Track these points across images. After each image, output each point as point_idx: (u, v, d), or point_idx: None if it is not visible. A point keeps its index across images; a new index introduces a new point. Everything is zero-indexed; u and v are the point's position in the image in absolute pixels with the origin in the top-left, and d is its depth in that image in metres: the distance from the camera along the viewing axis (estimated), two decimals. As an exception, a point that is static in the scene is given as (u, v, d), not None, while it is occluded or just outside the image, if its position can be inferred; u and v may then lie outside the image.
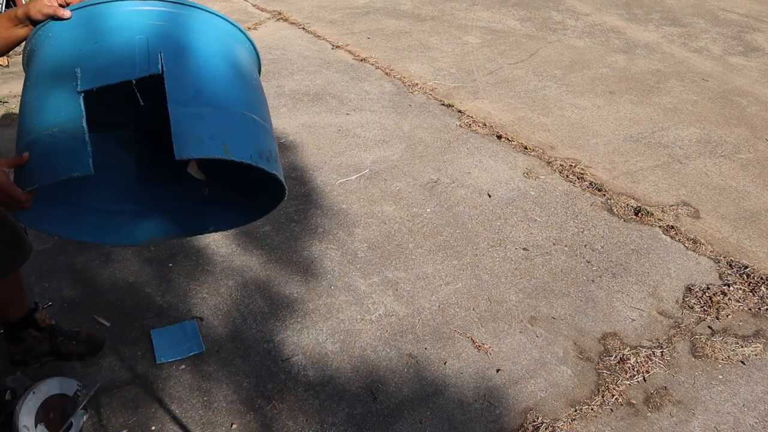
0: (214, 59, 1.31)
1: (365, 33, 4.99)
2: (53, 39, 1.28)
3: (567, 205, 2.92)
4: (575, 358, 2.11)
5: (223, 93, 1.28)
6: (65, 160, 1.15)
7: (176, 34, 1.27)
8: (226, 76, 1.31)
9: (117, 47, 1.22)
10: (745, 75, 4.52)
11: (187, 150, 1.14)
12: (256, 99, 1.38)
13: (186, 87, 1.20)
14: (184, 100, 1.18)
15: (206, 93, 1.23)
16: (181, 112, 1.15)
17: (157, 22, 1.26)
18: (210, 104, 1.22)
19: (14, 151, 1.27)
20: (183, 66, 1.22)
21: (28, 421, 1.58)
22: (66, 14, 1.27)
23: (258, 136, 1.30)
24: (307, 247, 2.55)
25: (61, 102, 1.18)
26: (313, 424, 1.83)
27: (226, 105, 1.26)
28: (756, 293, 2.43)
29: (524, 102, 3.93)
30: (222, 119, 1.23)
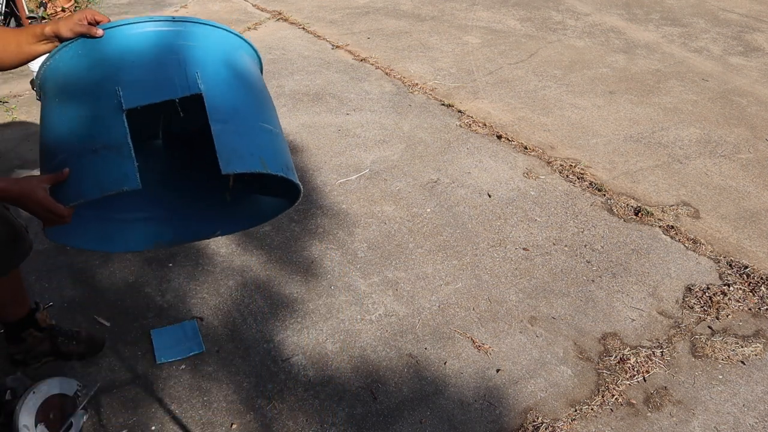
0: (241, 78, 1.39)
1: (365, 33, 4.99)
2: (85, 57, 1.31)
3: (567, 205, 2.92)
4: (575, 358, 2.11)
5: (254, 110, 1.36)
6: (112, 175, 1.19)
7: (206, 53, 1.33)
8: (253, 93, 1.39)
9: (153, 66, 1.27)
10: (745, 75, 4.52)
11: (232, 165, 1.21)
12: (274, 114, 1.46)
13: (223, 105, 1.27)
14: (223, 118, 1.24)
15: (240, 109, 1.31)
16: (222, 129, 1.23)
17: (188, 42, 1.32)
18: (245, 121, 1.30)
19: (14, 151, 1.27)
20: (218, 85, 1.29)
21: (28, 421, 1.58)
22: (98, 33, 1.30)
23: (283, 149, 1.40)
24: (307, 247, 2.55)
25: (103, 120, 1.22)
26: (313, 424, 1.83)
27: (256, 120, 1.34)
28: (756, 293, 2.43)
29: (524, 102, 3.93)
30: (255, 135, 1.31)
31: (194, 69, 1.27)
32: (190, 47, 1.32)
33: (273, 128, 1.39)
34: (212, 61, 1.34)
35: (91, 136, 1.23)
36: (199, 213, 1.72)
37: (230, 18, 5.20)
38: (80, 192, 1.23)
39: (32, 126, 3.37)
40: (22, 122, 3.41)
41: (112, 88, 1.22)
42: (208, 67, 1.31)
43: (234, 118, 1.28)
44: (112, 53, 1.29)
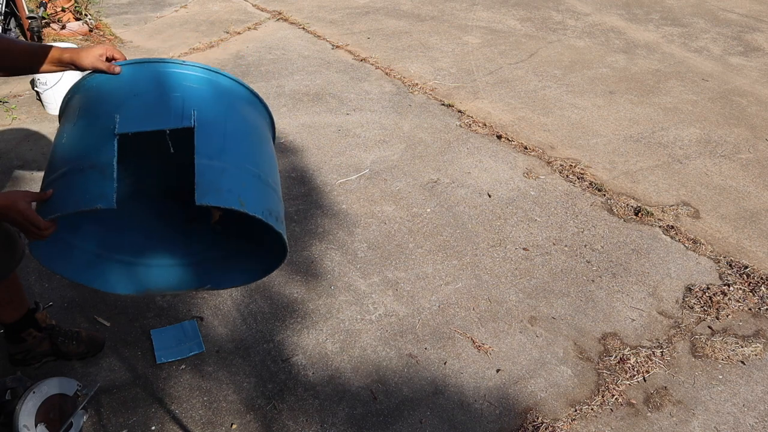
0: (239, 125, 1.44)
1: (365, 33, 4.99)
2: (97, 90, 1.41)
3: (567, 205, 2.92)
4: (575, 358, 2.11)
5: (244, 155, 1.40)
6: (90, 193, 1.24)
7: (209, 97, 1.40)
8: (247, 140, 1.44)
9: (156, 101, 1.35)
10: (745, 75, 4.52)
11: (207, 198, 1.24)
12: (271, 166, 1.51)
13: (212, 144, 1.32)
14: (209, 154, 1.29)
15: (229, 152, 1.35)
16: (206, 164, 1.27)
17: (194, 85, 1.39)
18: (232, 162, 1.34)
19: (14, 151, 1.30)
20: (211, 125, 1.34)
21: (28, 421, 1.58)
22: (117, 70, 1.40)
23: (269, 197, 1.43)
24: (307, 247, 2.55)
25: (97, 142, 1.29)
26: (313, 424, 1.83)
27: (246, 166, 1.38)
28: (756, 293, 2.43)
29: (524, 102, 3.93)
30: (241, 176, 1.34)
31: (192, 107, 1.33)
32: (195, 89, 1.39)
33: (263, 176, 1.42)
34: (215, 105, 1.40)
35: (82, 157, 1.29)
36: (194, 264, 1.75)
37: (230, 18, 5.20)
38: (58, 207, 1.28)
39: (32, 126, 3.37)
40: (22, 122, 3.41)
41: (112, 116, 1.29)
42: (208, 109, 1.37)
43: (221, 158, 1.32)
44: (122, 87, 1.38)
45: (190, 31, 4.89)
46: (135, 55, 4.32)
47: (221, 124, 1.39)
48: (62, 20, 4.56)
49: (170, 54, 4.37)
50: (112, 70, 1.40)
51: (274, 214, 1.39)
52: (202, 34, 4.80)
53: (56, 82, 3.34)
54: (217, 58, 4.37)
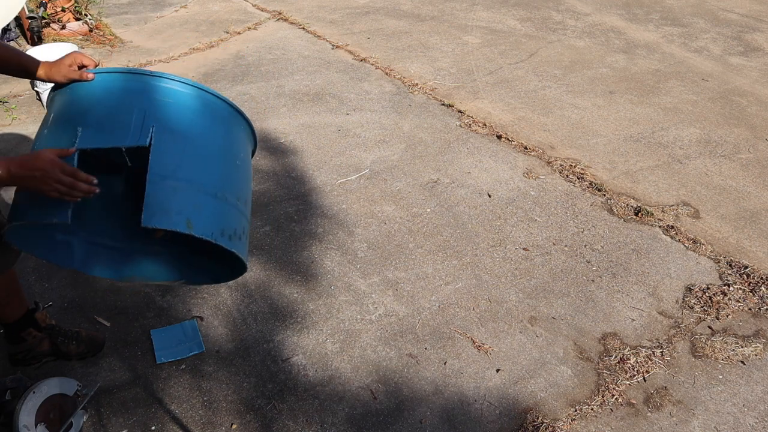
0: (203, 139, 1.41)
1: (365, 33, 4.99)
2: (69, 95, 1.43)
3: (567, 205, 2.92)
4: (575, 358, 2.11)
5: (202, 171, 1.38)
6: (49, 206, 1.28)
7: (173, 111, 1.38)
8: (210, 155, 1.41)
9: (118, 115, 1.34)
10: (745, 75, 4.52)
11: (154, 220, 1.24)
12: (236, 179, 1.47)
13: (168, 161, 1.30)
14: (163, 173, 1.28)
15: (186, 169, 1.33)
16: (158, 183, 1.26)
17: (162, 98, 1.37)
18: (186, 180, 1.32)
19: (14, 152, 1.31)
20: (171, 141, 1.32)
21: (28, 421, 1.58)
22: (90, 77, 1.41)
23: (226, 215, 1.40)
24: (307, 247, 2.55)
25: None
26: (313, 424, 1.83)
27: (202, 183, 1.36)
28: (756, 293, 2.43)
29: (524, 102, 3.93)
30: (193, 196, 1.33)
31: (152, 123, 1.32)
32: (163, 102, 1.37)
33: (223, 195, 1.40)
34: (178, 120, 1.38)
35: None
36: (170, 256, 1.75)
37: (230, 18, 5.20)
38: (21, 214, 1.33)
39: (32, 126, 3.37)
40: (22, 122, 3.41)
41: (76, 128, 1.32)
42: (170, 125, 1.35)
43: (175, 177, 1.31)
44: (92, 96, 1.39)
45: (190, 31, 4.89)
46: (135, 55, 4.33)
47: (181, 140, 1.36)
48: (62, 20, 4.56)
49: (170, 54, 4.37)
50: (85, 77, 1.42)
51: (228, 233, 1.38)
52: (202, 34, 4.80)
53: (56, 82, 3.34)
54: (217, 58, 4.37)
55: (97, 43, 4.49)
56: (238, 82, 4.00)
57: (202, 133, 1.42)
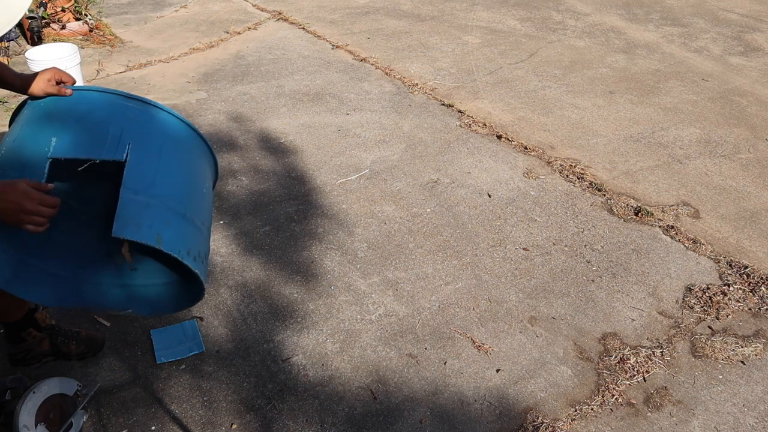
0: (174, 162, 1.46)
1: (365, 33, 4.99)
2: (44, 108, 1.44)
3: (567, 205, 2.92)
4: (575, 358, 2.11)
5: (172, 192, 1.42)
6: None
7: (148, 132, 1.43)
8: (179, 178, 1.46)
9: (95, 129, 1.37)
10: (745, 75, 4.52)
11: (125, 231, 1.26)
12: (201, 205, 1.53)
13: (141, 178, 1.33)
14: (136, 188, 1.31)
15: (158, 187, 1.37)
16: (130, 198, 1.30)
17: (136, 118, 1.42)
18: (157, 198, 1.35)
19: None
20: (144, 159, 1.36)
21: (28, 421, 1.58)
22: (68, 93, 1.43)
23: (192, 236, 1.44)
24: (307, 247, 2.55)
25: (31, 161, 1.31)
26: (313, 424, 1.83)
27: (171, 203, 1.40)
28: (756, 293, 2.43)
29: (524, 102, 3.93)
30: (164, 213, 1.35)
31: (129, 140, 1.35)
32: (139, 123, 1.41)
33: (189, 216, 1.43)
34: (153, 141, 1.42)
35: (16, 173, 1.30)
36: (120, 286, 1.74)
37: (230, 18, 5.20)
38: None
39: (32, 126, 3.37)
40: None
41: (50, 138, 1.32)
42: (144, 144, 1.39)
43: (146, 193, 1.34)
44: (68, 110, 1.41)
45: (190, 31, 4.89)
46: (135, 55, 4.33)
47: (155, 159, 1.40)
48: (62, 20, 4.56)
49: (170, 54, 4.38)
50: (63, 93, 1.44)
51: (193, 254, 1.41)
52: (202, 34, 4.80)
53: (56, 82, 3.34)
54: (217, 58, 4.37)
55: (97, 43, 4.50)
56: (238, 82, 4.00)
57: (175, 157, 1.47)
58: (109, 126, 1.38)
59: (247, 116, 3.58)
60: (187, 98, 3.75)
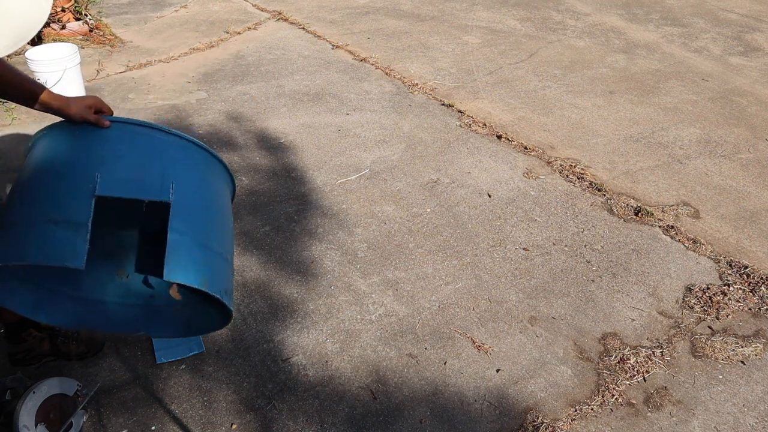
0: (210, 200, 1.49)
1: (365, 33, 4.99)
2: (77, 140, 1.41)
3: (567, 205, 2.92)
4: (575, 358, 2.11)
5: (210, 231, 1.45)
6: (62, 249, 1.25)
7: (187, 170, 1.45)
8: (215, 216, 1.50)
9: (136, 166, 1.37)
10: (745, 75, 4.52)
11: (175, 275, 1.30)
12: (230, 238, 1.57)
13: (185, 219, 1.36)
14: (181, 230, 1.33)
15: (199, 228, 1.40)
16: (178, 240, 1.31)
17: (174, 155, 1.43)
18: (200, 239, 1.39)
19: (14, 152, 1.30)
20: (187, 200, 1.39)
21: (28, 421, 1.58)
22: (105, 124, 1.40)
23: (228, 276, 1.49)
24: (307, 247, 2.55)
25: (73, 197, 1.30)
26: (313, 424, 1.83)
27: (212, 243, 1.44)
28: (756, 293, 2.43)
29: (524, 102, 3.93)
30: (207, 255, 1.39)
31: (171, 180, 1.37)
32: (178, 161, 1.43)
33: (224, 254, 1.49)
34: (190, 178, 1.45)
35: (57, 207, 1.29)
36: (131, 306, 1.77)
37: (230, 18, 5.20)
38: (26, 254, 1.27)
39: (32, 126, 3.37)
40: (22, 122, 3.41)
41: (92, 172, 1.31)
42: (183, 182, 1.41)
43: (191, 233, 1.37)
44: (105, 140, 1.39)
45: (190, 31, 4.89)
46: (135, 55, 4.33)
47: (195, 199, 1.43)
48: (62, 20, 4.56)
49: (170, 54, 4.37)
50: (101, 124, 1.40)
51: (230, 292, 1.47)
52: (202, 34, 4.80)
53: (56, 83, 3.34)
54: (217, 58, 4.37)
55: (97, 43, 4.49)
56: (238, 82, 4.00)
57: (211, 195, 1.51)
58: (151, 164, 1.39)
59: (247, 116, 3.58)
60: (187, 98, 3.75)
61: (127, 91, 3.80)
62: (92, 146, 1.39)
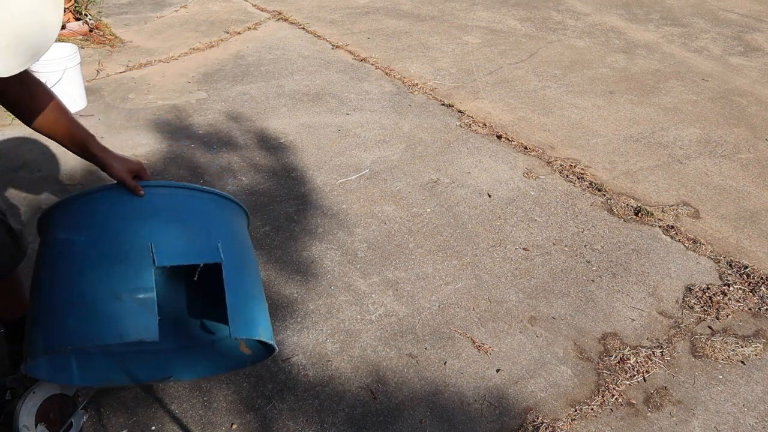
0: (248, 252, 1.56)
1: (365, 33, 4.99)
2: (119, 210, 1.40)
3: (567, 205, 2.92)
4: (575, 358, 2.11)
5: (254, 282, 1.53)
6: (135, 324, 1.26)
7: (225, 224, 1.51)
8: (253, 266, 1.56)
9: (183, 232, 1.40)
10: (745, 75, 4.52)
11: (240, 332, 1.37)
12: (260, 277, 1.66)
13: (236, 276, 1.41)
14: (235, 287, 1.39)
15: (246, 281, 1.47)
16: (235, 298, 1.37)
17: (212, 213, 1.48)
18: (250, 292, 1.47)
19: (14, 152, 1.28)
20: (233, 255, 1.43)
21: (28, 421, 1.58)
22: (141, 193, 1.41)
23: (269, 319, 1.55)
24: (307, 247, 2.55)
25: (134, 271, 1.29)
26: (313, 424, 1.83)
27: (257, 293, 1.51)
28: (756, 293, 2.43)
29: (524, 102, 3.93)
30: (257, 305, 1.48)
31: (217, 239, 1.42)
32: (213, 217, 1.48)
33: (263, 296, 1.56)
34: (227, 232, 1.50)
35: (120, 283, 1.28)
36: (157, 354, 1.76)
37: (230, 18, 5.20)
38: (100, 335, 1.27)
39: (32, 126, 3.37)
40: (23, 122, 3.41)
41: (145, 243, 1.31)
42: (225, 239, 1.46)
43: (243, 289, 1.44)
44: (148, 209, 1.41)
45: (190, 31, 4.89)
46: (135, 55, 4.33)
47: (238, 254, 1.48)
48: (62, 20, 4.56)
49: (170, 54, 4.38)
50: (137, 192, 1.40)
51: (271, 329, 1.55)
52: (202, 34, 4.80)
53: (56, 83, 3.34)
54: (217, 58, 4.37)
55: (97, 43, 4.49)
56: (238, 82, 4.00)
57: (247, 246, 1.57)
58: (196, 227, 1.43)
59: (247, 116, 3.58)
60: (187, 98, 3.75)
61: (127, 91, 3.80)
62: (138, 217, 1.39)
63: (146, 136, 3.31)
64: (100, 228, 1.36)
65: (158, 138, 3.30)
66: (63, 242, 1.37)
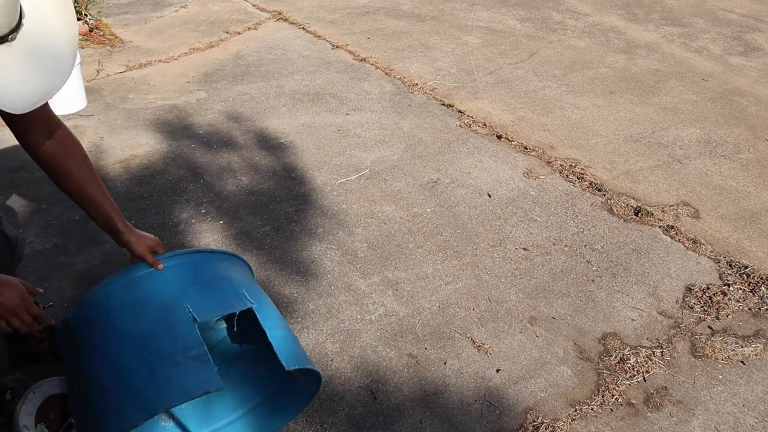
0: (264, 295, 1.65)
1: (365, 33, 4.99)
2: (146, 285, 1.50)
3: (567, 205, 2.92)
4: (575, 358, 2.11)
5: (279, 318, 1.61)
6: (196, 380, 1.32)
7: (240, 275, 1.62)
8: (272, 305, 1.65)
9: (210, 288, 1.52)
10: (745, 75, 4.52)
11: (291, 363, 1.42)
12: None
13: (267, 315, 1.51)
14: (271, 325, 1.48)
15: (275, 318, 1.56)
16: (276, 335, 1.46)
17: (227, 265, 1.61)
18: (282, 326, 1.55)
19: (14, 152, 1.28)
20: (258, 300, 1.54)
21: (28, 421, 1.58)
22: (160, 267, 1.50)
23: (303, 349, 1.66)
24: (307, 247, 2.55)
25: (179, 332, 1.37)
26: (313, 424, 1.83)
27: (287, 327, 1.60)
28: (756, 293, 2.43)
29: (524, 102, 3.93)
30: (290, 337, 1.56)
31: (240, 288, 1.52)
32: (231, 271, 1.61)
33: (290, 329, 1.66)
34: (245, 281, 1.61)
35: (170, 345, 1.35)
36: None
37: (230, 18, 5.20)
38: (168, 399, 1.30)
39: (32, 126, 3.36)
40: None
41: (181, 306, 1.40)
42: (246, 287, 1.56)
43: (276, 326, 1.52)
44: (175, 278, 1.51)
45: (190, 31, 4.89)
46: (135, 55, 4.33)
47: (259, 294, 1.58)
48: (62, 20, 4.55)
49: (170, 54, 4.38)
50: (156, 266, 1.49)
51: None
52: (202, 34, 4.80)
53: (56, 82, 3.34)
54: (217, 58, 4.37)
55: (97, 43, 4.50)
56: (238, 82, 4.00)
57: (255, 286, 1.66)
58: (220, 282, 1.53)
59: (247, 116, 3.58)
60: (187, 98, 3.75)
61: (127, 91, 3.80)
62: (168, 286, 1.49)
63: (146, 136, 3.31)
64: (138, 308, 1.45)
65: (158, 138, 3.30)
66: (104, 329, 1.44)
